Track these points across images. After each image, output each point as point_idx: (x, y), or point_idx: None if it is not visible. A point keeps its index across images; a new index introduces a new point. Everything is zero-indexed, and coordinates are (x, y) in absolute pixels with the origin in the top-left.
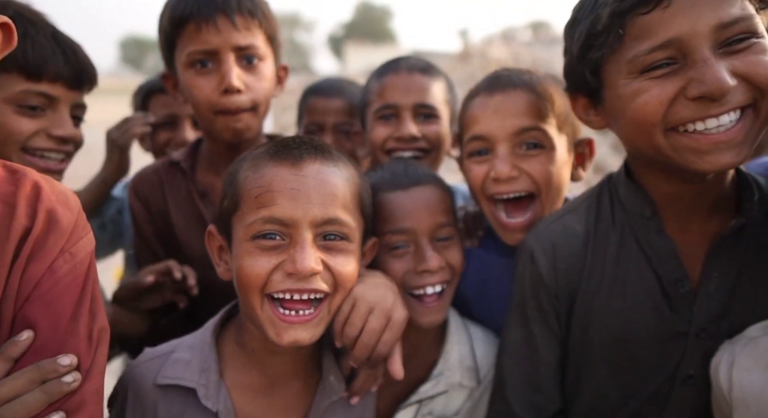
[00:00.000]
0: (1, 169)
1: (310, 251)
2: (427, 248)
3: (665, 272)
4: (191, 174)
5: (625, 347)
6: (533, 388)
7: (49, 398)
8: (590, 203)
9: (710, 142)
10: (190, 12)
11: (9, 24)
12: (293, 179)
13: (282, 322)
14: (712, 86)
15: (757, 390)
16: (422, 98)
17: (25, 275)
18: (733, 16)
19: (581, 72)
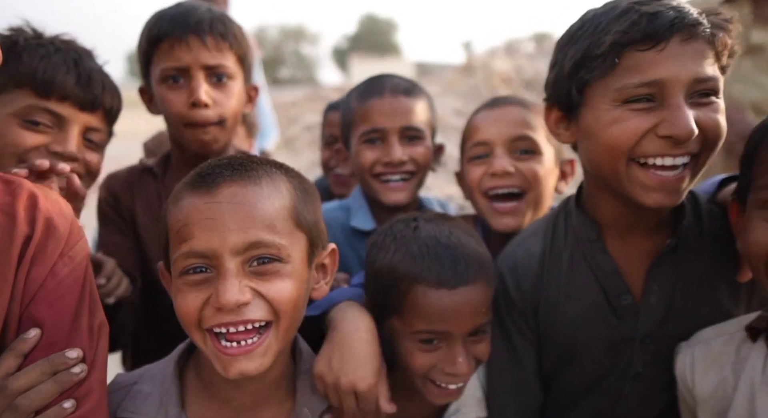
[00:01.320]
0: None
1: (233, 282)
2: (459, 353)
3: (609, 287)
4: (162, 179)
5: (583, 351)
6: (521, 390)
7: (61, 387)
8: (548, 226)
9: (659, 181)
10: (165, 31)
11: None
12: (207, 208)
13: (225, 355)
14: (681, 130)
15: (712, 387)
16: (408, 121)
17: (29, 278)
18: (708, 75)
19: (567, 87)
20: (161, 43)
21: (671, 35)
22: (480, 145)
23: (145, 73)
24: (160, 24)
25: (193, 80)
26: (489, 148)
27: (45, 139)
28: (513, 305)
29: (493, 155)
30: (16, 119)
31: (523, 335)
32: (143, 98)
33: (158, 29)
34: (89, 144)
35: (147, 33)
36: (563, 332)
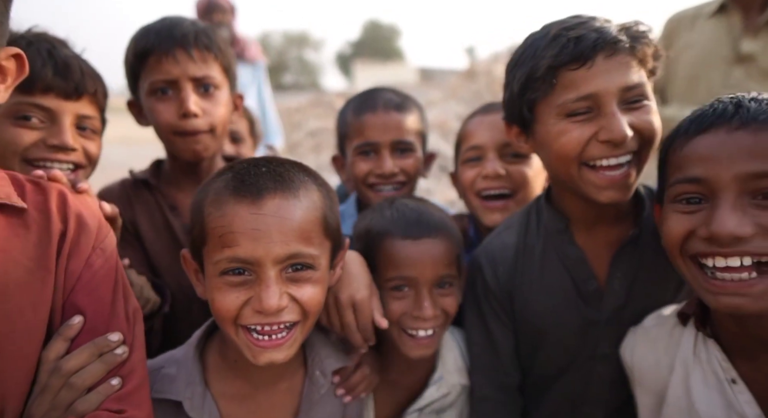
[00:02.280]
0: (27, 183)
1: (274, 290)
2: (425, 298)
3: (577, 274)
4: (158, 189)
5: (554, 333)
6: (498, 370)
7: (107, 367)
8: (522, 221)
9: (608, 180)
10: (152, 46)
11: (21, 54)
12: (253, 219)
13: (256, 347)
14: (617, 135)
15: (648, 369)
16: (399, 136)
17: (67, 270)
18: (635, 82)
19: (519, 107)
20: (149, 58)
21: (595, 54)
22: (473, 149)
23: (133, 87)
24: (146, 39)
25: (182, 92)
26: (481, 152)
27: (40, 135)
28: (490, 292)
29: (485, 159)
30: (9, 119)
31: (500, 320)
32: (132, 111)
33: (145, 44)
34: (83, 132)
35: (134, 48)
36: (536, 316)
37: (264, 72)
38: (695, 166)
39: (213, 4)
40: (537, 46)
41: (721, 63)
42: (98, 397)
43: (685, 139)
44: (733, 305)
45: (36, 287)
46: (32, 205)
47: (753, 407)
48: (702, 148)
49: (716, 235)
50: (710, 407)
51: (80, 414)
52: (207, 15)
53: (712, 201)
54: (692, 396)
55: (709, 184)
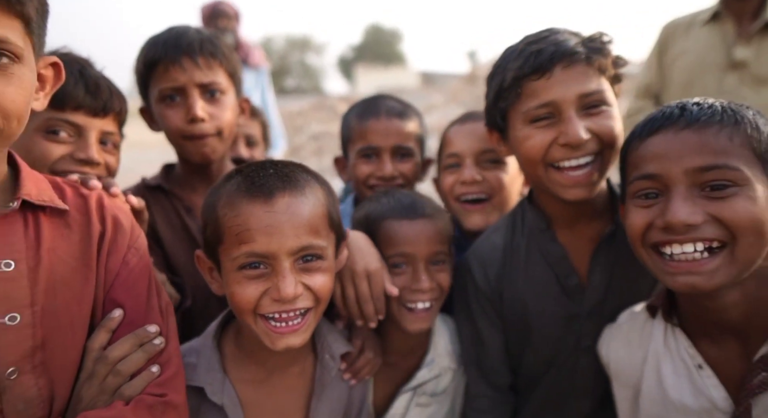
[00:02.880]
0: (67, 187)
1: (290, 279)
2: (422, 272)
3: (559, 270)
4: (173, 192)
5: (540, 328)
6: (488, 370)
7: (148, 355)
8: (509, 222)
9: (572, 179)
10: (160, 55)
11: (58, 63)
12: (267, 217)
13: (275, 333)
14: (573, 138)
15: (622, 363)
16: (399, 141)
17: (107, 268)
18: (592, 89)
19: (494, 115)
20: (157, 67)
21: (553, 66)
22: (452, 156)
23: (144, 95)
24: (154, 49)
25: (189, 98)
26: (460, 159)
27: (68, 149)
28: (480, 293)
29: (463, 165)
30: (40, 133)
31: (488, 320)
32: (144, 117)
33: (153, 54)
34: (105, 147)
35: (143, 58)
36: (524, 312)
37: (267, 77)
38: (650, 164)
39: (217, 10)
40: (507, 59)
41: (715, 69)
42: (141, 382)
43: (639, 140)
44: (688, 283)
45: (79, 283)
46: (73, 207)
47: (719, 391)
48: (654, 148)
49: (671, 224)
50: (681, 394)
51: (127, 398)
52: (211, 21)
53: (666, 195)
54: (664, 385)
55: (663, 180)
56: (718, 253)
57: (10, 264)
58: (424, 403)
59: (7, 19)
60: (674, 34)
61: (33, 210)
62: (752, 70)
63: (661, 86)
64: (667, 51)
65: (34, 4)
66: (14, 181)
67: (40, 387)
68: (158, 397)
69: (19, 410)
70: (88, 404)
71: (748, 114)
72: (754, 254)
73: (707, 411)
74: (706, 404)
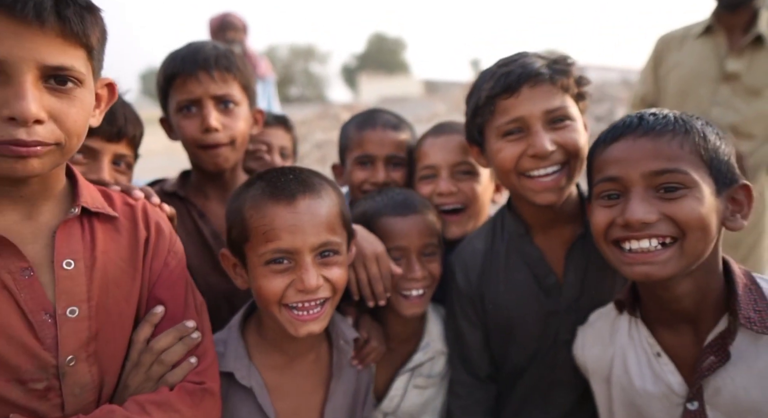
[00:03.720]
0: (115, 195)
1: (313, 272)
2: (414, 262)
3: (537, 270)
4: (187, 199)
5: (522, 324)
6: (468, 363)
7: (187, 348)
8: (489, 228)
9: (541, 186)
10: (178, 69)
11: (112, 83)
12: (291, 217)
13: (298, 321)
14: (540, 150)
15: (597, 359)
16: (393, 151)
17: (151, 269)
18: (556, 106)
19: (472, 130)
20: (175, 80)
21: (520, 86)
22: (428, 168)
23: (164, 106)
24: (173, 63)
25: (204, 109)
26: (435, 170)
27: (82, 169)
28: (462, 295)
29: (439, 177)
30: None
31: (468, 319)
32: (164, 127)
33: (172, 68)
34: (117, 167)
35: (163, 72)
36: (506, 310)
37: (273, 87)
38: (612, 168)
39: (226, 22)
40: (482, 81)
41: (709, 81)
42: (182, 371)
43: (603, 146)
44: (644, 272)
45: (128, 283)
46: (122, 214)
47: (676, 376)
48: (616, 153)
49: (629, 222)
50: (643, 381)
51: (170, 384)
52: (220, 32)
53: (625, 195)
54: (629, 374)
55: (623, 182)
56: (670, 246)
57: (70, 263)
58: (421, 385)
59: (74, 50)
60: (668, 46)
61: (88, 216)
62: (744, 81)
63: (657, 97)
64: (662, 63)
65: (97, 35)
66: (71, 190)
67: (93, 374)
68: (197, 384)
69: (76, 394)
70: (135, 390)
71: (697, 124)
72: (700, 248)
73: (666, 396)
74: (664, 389)
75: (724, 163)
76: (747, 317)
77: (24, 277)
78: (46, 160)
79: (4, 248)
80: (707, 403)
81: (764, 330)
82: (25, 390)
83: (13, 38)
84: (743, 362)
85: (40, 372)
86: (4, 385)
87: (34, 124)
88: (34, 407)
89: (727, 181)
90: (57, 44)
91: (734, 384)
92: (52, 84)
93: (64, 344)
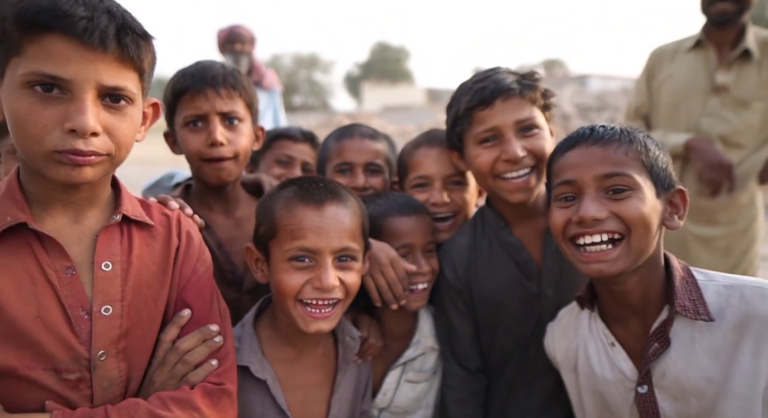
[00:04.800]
0: (153, 206)
1: (331, 272)
2: (420, 258)
3: (519, 258)
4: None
5: (507, 309)
6: (460, 355)
7: (209, 350)
8: (471, 225)
9: (514, 186)
10: (187, 86)
11: (158, 103)
12: (318, 219)
13: (309, 318)
14: (512, 155)
15: (564, 351)
16: (370, 158)
17: (180, 274)
18: (525, 117)
19: (452, 137)
20: (184, 96)
21: (494, 99)
22: (422, 177)
23: (169, 121)
24: (182, 80)
25: (211, 124)
26: (429, 180)
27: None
28: (450, 287)
29: (432, 187)
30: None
31: (458, 310)
32: (167, 141)
33: (181, 84)
34: None
35: (171, 88)
36: (492, 298)
37: (279, 98)
38: (567, 172)
39: (234, 34)
40: (460, 94)
41: (699, 93)
42: (204, 372)
43: (560, 154)
44: (597, 269)
45: (158, 286)
46: (158, 223)
47: (628, 362)
48: (570, 159)
49: (583, 218)
50: (602, 369)
51: (192, 384)
52: (227, 44)
53: (579, 197)
54: (591, 363)
55: (577, 184)
56: (618, 244)
57: (108, 265)
58: (413, 379)
59: (128, 72)
60: (661, 60)
61: (128, 223)
62: (732, 93)
63: (650, 108)
64: (654, 76)
65: (149, 60)
66: (115, 199)
67: (121, 370)
68: (217, 385)
69: (104, 386)
70: (159, 387)
71: (639, 136)
72: (644, 245)
73: (621, 381)
74: (619, 375)
75: (662, 170)
76: (682, 306)
77: (67, 275)
78: (97, 169)
79: (52, 247)
80: (656, 386)
81: (697, 316)
82: (59, 379)
83: (80, 62)
84: (682, 347)
85: (74, 364)
86: (42, 373)
87: (91, 137)
88: (67, 395)
89: (665, 185)
90: (115, 67)
91: (676, 368)
92: (107, 102)
93: (97, 339)
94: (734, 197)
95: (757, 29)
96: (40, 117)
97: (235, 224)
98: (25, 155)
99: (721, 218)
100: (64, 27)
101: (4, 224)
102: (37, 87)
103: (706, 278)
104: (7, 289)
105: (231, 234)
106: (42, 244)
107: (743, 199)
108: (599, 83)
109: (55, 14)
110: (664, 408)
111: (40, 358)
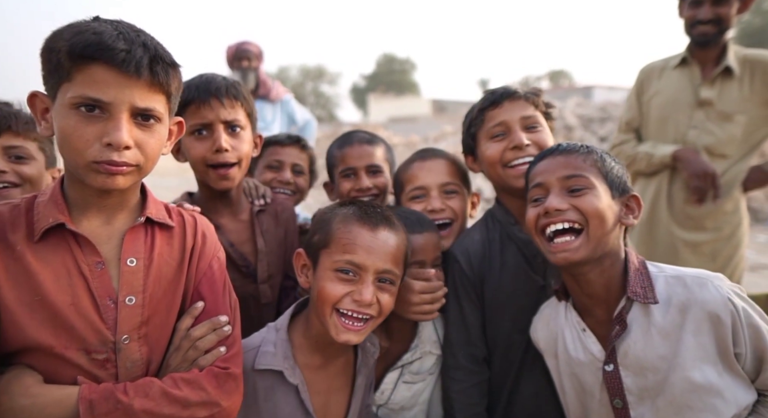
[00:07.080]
0: (173, 209)
1: (371, 289)
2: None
3: (527, 252)
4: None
5: (515, 299)
6: (468, 343)
7: (218, 338)
8: (483, 221)
9: (520, 172)
10: (193, 97)
11: (182, 121)
12: (370, 239)
13: (342, 327)
14: (517, 142)
15: (545, 340)
16: (370, 161)
17: (197, 270)
18: (529, 114)
19: (468, 140)
20: (189, 106)
21: (503, 100)
22: (418, 188)
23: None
24: (188, 92)
25: (215, 132)
26: (425, 191)
27: None
28: (465, 278)
29: (429, 197)
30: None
31: (471, 301)
32: (172, 150)
33: (186, 95)
34: (10, 159)
35: None
36: (502, 289)
37: (293, 102)
38: (538, 177)
39: (241, 49)
40: (473, 107)
41: (686, 107)
42: (212, 357)
43: (533, 165)
44: (563, 257)
45: (176, 280)
46: (177, 224)
47: (597, 345)
48: (540, 168)
49: (548, 209)
50: (576, 351)
51: (201, 367)
52: (236, 61)
53: (547, 196)
54: (567, 348)
55: (545, 186)
56: (579, 236)
57: (133, 261)
58: (410, 380)
59: (158, 95)
60: (650, 76)
61: (151, 224)
62: (716, 107)
63: (641, 122)
64: (644, 91)
65: (175, 84)
66: (141, 203)
67: (142, 353)
68: (223, 369)
69: (127, 367)
70: (174, 369)
71: (597, 150)
72: (600, 234)
73: (592, 362)
74: (590, 356)
75: (617, 177)
76: (634, 292)
77: (97, 269)
78: (128, 177)
79: (86, 245)
80: (620, 364)
81: (646, 300)
82: (89, 359)
83: (117, 87)
84: (640, 330)
85: (102, 346)
86: (75, 352)
87: (124, 150)
88: (96, 373)
89: (620, 190)
90: (146, 91)
91: (636, 348)
92: (139, 120)
93: (121, 325)
94: (719, 204)
95: (738, 48)
96: (84, 133)
97: (243, 226)
98: (69, 165)
99: (708, 224)
100: (107, 58)
101: (46, 224)
102: (81, 108)
103: (658, 270)
104: (48, 280)
105: (240, 237)
106: (78, 242)
107: (728, 207)
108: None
109: (100, 47)
110: (627, 383)
111: (74, 339)
